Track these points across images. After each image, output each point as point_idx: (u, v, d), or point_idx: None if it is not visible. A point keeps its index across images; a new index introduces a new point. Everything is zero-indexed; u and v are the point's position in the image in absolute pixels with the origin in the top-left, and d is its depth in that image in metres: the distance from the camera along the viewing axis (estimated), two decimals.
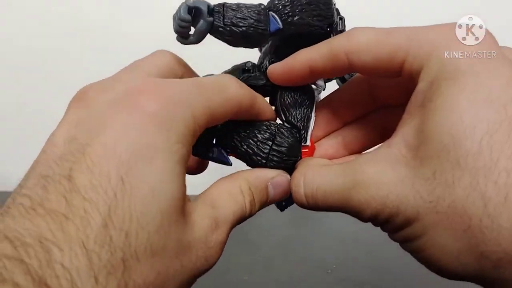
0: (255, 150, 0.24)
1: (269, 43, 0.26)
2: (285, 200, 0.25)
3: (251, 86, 0.24)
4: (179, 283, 0.18)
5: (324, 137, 0.27)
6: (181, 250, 0.18)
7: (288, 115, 0.25)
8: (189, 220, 0.18)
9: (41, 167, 0.17)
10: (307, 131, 0.25)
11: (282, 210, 0.26)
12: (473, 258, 0.17)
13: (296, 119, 0.25)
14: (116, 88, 0.19)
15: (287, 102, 0.25)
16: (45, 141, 0.19)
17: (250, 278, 0.41)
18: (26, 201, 0.15)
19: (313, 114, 0.26)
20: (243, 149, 0.24)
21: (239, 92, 0.21)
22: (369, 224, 0.21)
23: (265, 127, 0.24)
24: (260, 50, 0.27)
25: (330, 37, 0.24)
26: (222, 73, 0.28)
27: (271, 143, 0.24)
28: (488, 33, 0.19)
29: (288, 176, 0.24)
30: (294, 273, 0.42)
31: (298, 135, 0.25)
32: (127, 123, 0.17)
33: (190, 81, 0.20)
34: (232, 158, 0.25)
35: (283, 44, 0.25)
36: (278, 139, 0.24)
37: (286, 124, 0.25)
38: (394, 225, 0.19)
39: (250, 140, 0.24)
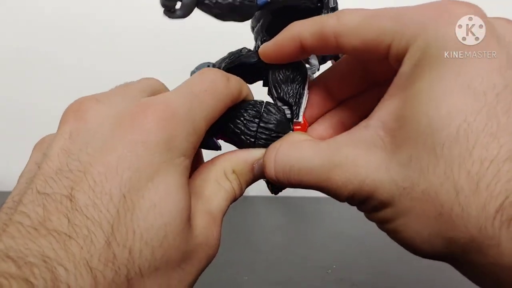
0: (243, 129, 0.23)
1: (260, 22, 0.26)
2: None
3: (242, 64, 0.25)
4: None
5: (319, 117, 0.27)
6: (185, 259, 0.18)
7: (280, 91, 0.25)
8: (192, 224, 0.19)
9: (37, 182, 0.16)
10: (299, 107, 0.25)
11: (276, 193, 0.25)
12: (443, 242, 0.17)
13: (288, 95, 0.25)
14: (113, 102, 0.19)
15: (278, 79, 0.25)
16: (33, 150, 0.20)
17: (250, 278, 0.41)
18: (25, 220, 0.15)
19: (305, 91, 0.26)
20: (230, 130, 0.24)
21: (228, 90, 0.22)
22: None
23: (251, 106, 0.24)
24: (253, 31, 0.27)
25: (321, 13, 0.24)
26: (219, 60, 0.28)
27: (258, 120, 0.24)
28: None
29: None
30: (294, 273, 0.42)
31: (289, 111, 0.25)
32: (130, 144, 0.17)
33: (187, 94, 0.20)
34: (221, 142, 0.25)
35: (274, 20, 0.25)
36: (265, 115, 0.24)
37: (277, 101, 0.25)
38: (369, 206, 0.19)
39: (237, 120, 0.24)
